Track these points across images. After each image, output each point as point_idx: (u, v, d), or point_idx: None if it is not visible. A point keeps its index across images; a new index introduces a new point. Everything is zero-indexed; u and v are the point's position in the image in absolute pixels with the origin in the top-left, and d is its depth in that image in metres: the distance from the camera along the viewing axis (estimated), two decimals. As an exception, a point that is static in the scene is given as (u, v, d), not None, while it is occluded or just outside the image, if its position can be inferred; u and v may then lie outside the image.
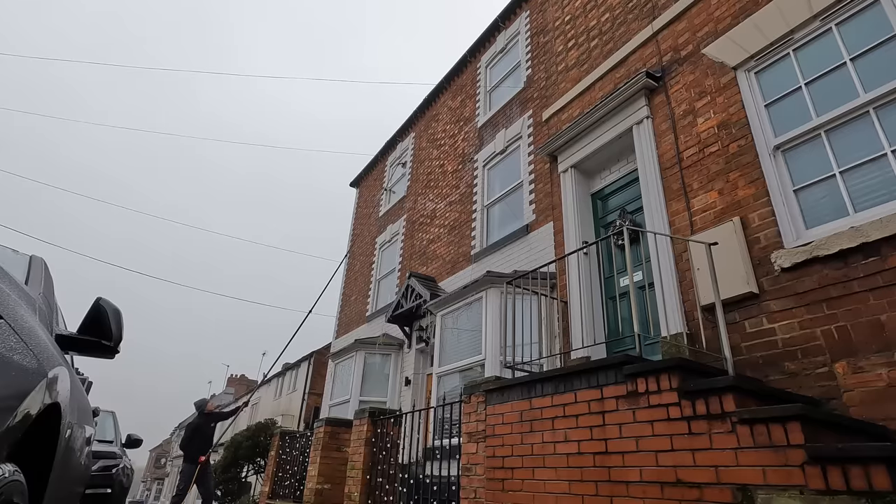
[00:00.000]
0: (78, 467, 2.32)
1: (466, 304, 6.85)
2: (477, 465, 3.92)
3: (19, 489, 1.33)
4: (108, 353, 1.94)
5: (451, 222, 9.51)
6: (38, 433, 1.55)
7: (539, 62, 8.32)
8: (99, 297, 1.97)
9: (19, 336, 1.33)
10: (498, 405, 3.88)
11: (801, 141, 3.87)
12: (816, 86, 3.88)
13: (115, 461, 6.07)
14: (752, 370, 3.58)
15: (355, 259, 13.61)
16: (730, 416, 2.48)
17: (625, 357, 3.09)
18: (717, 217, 4.18)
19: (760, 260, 3.77)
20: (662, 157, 4.88)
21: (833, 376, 3.15)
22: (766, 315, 3.64)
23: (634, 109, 5.29)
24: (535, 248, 6.89)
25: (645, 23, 5.64)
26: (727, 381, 2.58)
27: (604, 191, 6.00)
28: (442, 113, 11.59)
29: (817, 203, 3.68)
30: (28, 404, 1.29)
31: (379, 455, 5.71)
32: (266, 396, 26.22)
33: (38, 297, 1.88)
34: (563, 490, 3.13)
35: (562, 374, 3.45)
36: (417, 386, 8.80)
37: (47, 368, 1.50)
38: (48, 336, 1.70)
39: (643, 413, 2.86)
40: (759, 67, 4.31)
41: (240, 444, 13.41)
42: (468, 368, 6.41)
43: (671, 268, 4.41)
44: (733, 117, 4.31)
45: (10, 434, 1.20)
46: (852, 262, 3.23)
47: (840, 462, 2.05)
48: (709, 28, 4.81)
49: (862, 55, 3.66)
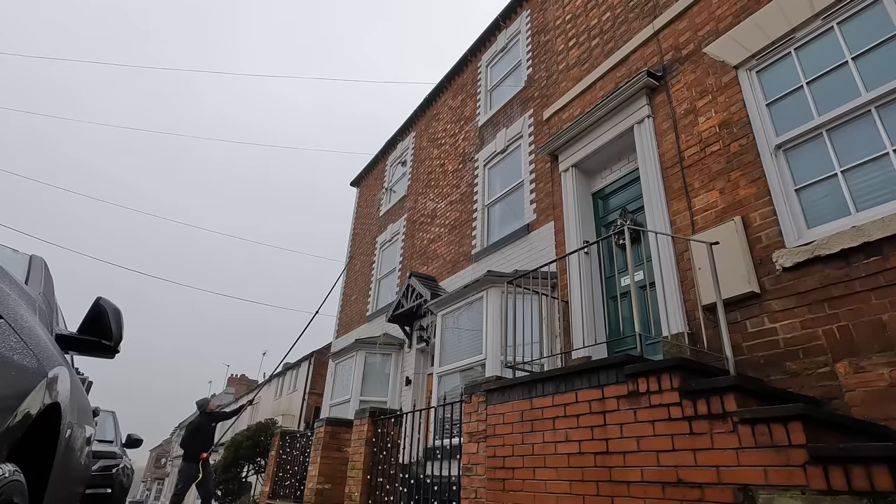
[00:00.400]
0: (78, 467, 2.32)
1: (467, 303, 6.85)
2: (478, 465, 3.92)
3: (19, 489, 1.33)
4: (108, 352, 1.93)
5: (451, 222, 9.50)
6: (38, 433, 1.55)
7: (540, 61, 8.31)
8: (99, 297, 1.96)
9: (19, 336, 1.33)
10: (499, 405, 3.87)
11: (802, 140, 3.87)
12: (818, 85, 3.87)
13: (115, 461, 6.06)
14: (754, 370, 3.58)
15: (356, 258, 13.62)
16: (731, 416, 2.47)
17: (626, 357, 3.08)
18: (719, 216, 4.17)
19: (762, 259, 3.77)
20: (664, 157, 4.87)
21: (835, 376, 3.14)
22: (767, 315, 3.63)
23: (635, 108, 5.28)
24: (535, 248, 6.88)
25: (646, 22, 5.63)
26: (728, 381, 2.57)
27: (605, 190, 5.99)
28: (442, 112, 11.58)
29: (819, 202, 3.68)
30: (28, 404, 1.29)
31: (379, 455, 5.70)
32: (266, 396, 26.22)
33: (38, 296, 1.87)
34: (564, 490, 3.12)
35: (563, 373, 3.44)
36: (418, 386, 8.79)
37: (47, 368, 1.49)
38: (48, 336, 1.69)
39: (644, 413, 2.85)
40: (760, 66, 4.30)
41: (240, 443, 13.39)
42: (469, 368, 6.40)
43: (672, 267, 4.40)
44: (735, 116, 4.30)
45: (10, 434, 1.20)
46: (854, 261, 3.22)
47: (842, 462, 2.04)
48: (710, 27, 4.80)
49: (863, 54, 3.65)
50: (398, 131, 13.30)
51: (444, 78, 11.64)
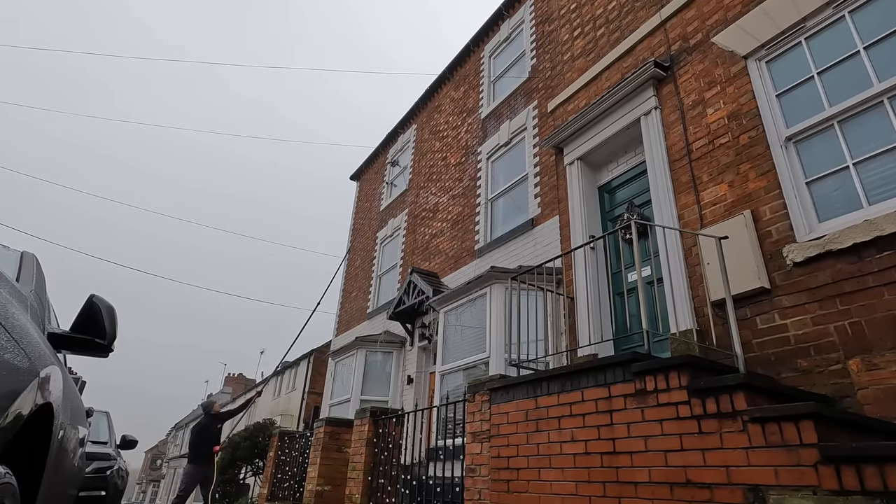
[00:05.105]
0: (71, 469, 2.29)
1: (470, 300, 6.78)
2: (481, 466, 3.87)
3: (11, 491, 1.32)
4: (102, 351, 1.90)
5: (454, 216, 9.42)
6: (30, 434, 1.54)
7: (544, 52, 8.20)
8: (92, 295, 1.92)
9: (10, 334, 1.31)
10: (503, 404, 3.83)
11: (813, 132, 3.80)
12: (829, 75, 3.81)
13: (109, 463, 5.95)
14: (764, 367, 3.53)
15: (356, 254, 13.55)
16: (741, 415, 2.43)
17: (633, 354, 3.03)
18: (728, 210, 4.11)
19: (772, 254, 3.71)
20: (671, 149, 4.80)
21: (847, 373, 3.10)
22: (777, 311, 3.57)
23: (642, 100, 5.20)
24: (540, 243, 6.81)
25: (653, 10, 5.54)
26: (738, 379, 2.53)
27: (611, 183, 5.92)
28: (444, 104, 11.47)
29: (830, 196, 3.61)
30: (19, 405, 1.28)
31: (381, 456, 5.63)
32: (265, 396, 26.11)
33: (30, 294, 1.84)
34: (569, 491, 3.08)
35: (568, 372, 3.40)
36: (420, 384, 8.72)
37: (39, 367, 1.48)
38: (40, 334, 1.66)
39: (652, 412, 2.81)
40: (770, 56, 4.21)
41: (238, 444, 13.28)
42: (472, 366, 6.35)
43: (680, 262, 4.34)
44: (744, 108, 4.23)
45: (1, 435, 1.18)
46: (866, 256, 3.17)
47: (854, 461, 2.00)
48: (718, 16, 4.71)
49: (876, 43, 3.58)
50: (399, 124, 13.19)
51: (447, 69, 11.52)
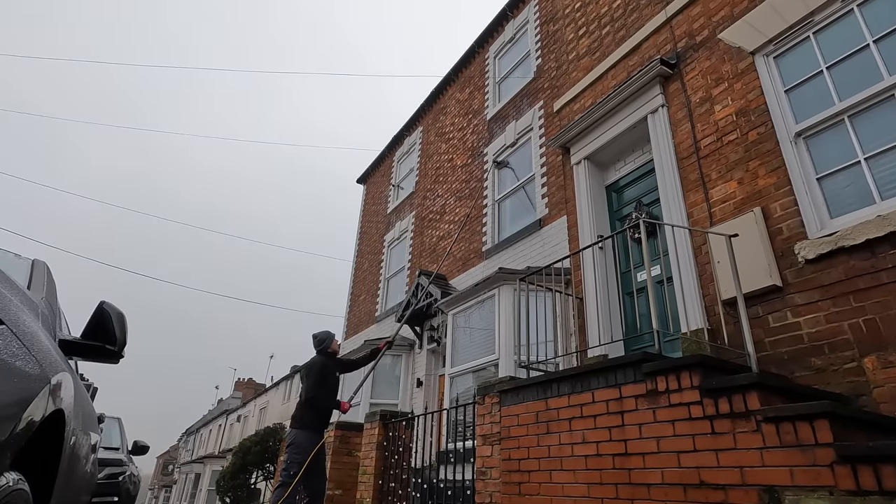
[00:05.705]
0: (83, 475, 2.31)
1: (479, 302, 6.76)
2: (492, 469, 3.86)
3: (24, 497, 1.31)
4: (112, 357, 1.91)
5: (461, 218, 9.41)
6: (42, 441, 1.54)
7: (549, 51, 8.18)
8: (102, 301, 1.94)
9: (21, 342, 1.32)
10: (513, 406, 3.80)
11: (823, 127, 3.75)
12: (838, 69, 3.75)
13: (121, 468, 5.95)
14: (777, 366, 3.48)
15: (363, 257, 13.57)
16: (754, 415, 2.40)
17: (643, 355, 3.01)
18: (738, 208, 4.06)
19: (783, 251, 3.65)
20: (679, 147, 4.76)
21: (862, 371, 3.04)
22: (790, 309, 3.52)
23: (649, 98, 5.16)
24: (548, 243, 6.78)
25: (658, 8, 5.50)
26: (751, 378, 2.50)
27: (618, 183, 5.88)
28: (450, 106, 11.47)
29: (842, 191, 3.56)
30: (31, 411, 1.28)
31: (391, 459, 5.61)
32: (274, 400, 26.15)
33: (41, 301, 1.86)
34: (581, 493, 3.06)
35: (578, 373, 3.37)
36: (430, 387, 8.70)
37: (50, 374, 1.48)
38: (51, 341, 1.68)
39: (664, 412, 2.78)
40: (778, 52, 4.17)
41: (248, 449, 13.29)
42: (481, 368, 6.33)
43: (690, 261, 4.30)
44: (752, 104, 4.18)
45: (14, 442, 1.18)
46: (880, 252, 3.12)
47: (871, 461, 1.97)
48: (725, 12, 4.66)
49: (885, 37, 3.53)
50: (405, 126, 13.21)
51: (451, 70, 11.52)
